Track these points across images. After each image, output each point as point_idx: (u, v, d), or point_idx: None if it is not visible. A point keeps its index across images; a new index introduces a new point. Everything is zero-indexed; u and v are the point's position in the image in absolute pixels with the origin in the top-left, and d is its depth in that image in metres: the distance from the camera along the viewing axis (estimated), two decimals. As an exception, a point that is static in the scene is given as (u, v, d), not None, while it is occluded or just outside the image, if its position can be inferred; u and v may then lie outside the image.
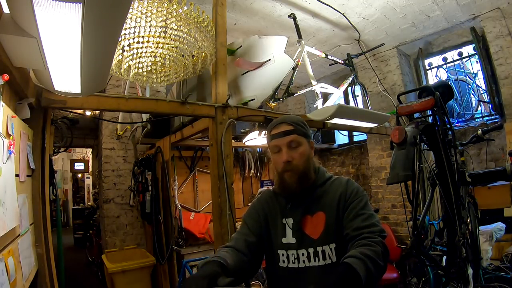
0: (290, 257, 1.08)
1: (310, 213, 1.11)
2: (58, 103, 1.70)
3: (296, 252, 1.07)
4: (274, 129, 1.13)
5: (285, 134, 1.10)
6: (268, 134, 1.17)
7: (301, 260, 1.06)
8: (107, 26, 0.91)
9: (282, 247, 1.10)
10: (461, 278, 1.65)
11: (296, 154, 1.10)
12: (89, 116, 5.24)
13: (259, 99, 2.60)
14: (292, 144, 1.10)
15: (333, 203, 1.10)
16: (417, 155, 1.41)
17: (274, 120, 1.17)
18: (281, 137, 1.10)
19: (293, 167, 1.09)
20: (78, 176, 11.50)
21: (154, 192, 3.19)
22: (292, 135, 1.10)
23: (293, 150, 1.10)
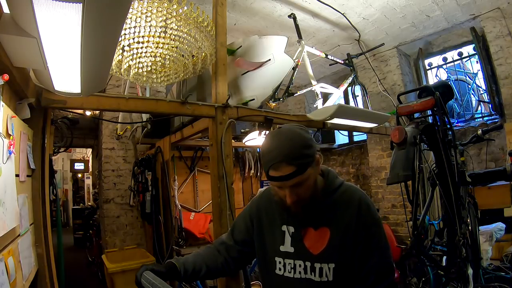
0: (287, 266, 1.05)
1: (314, 226, 1.03)
2: (58, 103, 1.70)
3: (294, 262, 1.03)
4: (272, 171, 0.93)
5: (286, 179, 0.93)
6: (264, 169, 0.99)
7: (297, 271, 1.03)
8: (107, 26, 0.91)
9: (279, 255, 1.06)
10: (461, 278, 1.65)
11: (301, 191, 0.96)
12: (89, 116, 5.24)
13: (259, 99, 2.60)
14: (296, 185, 0.94)
15: (341, 223, 1.00)
16: (417, 155, 1.41)
17: (270, 156, 0.94)
18: (282, 181, 0.94)
19: (299, 202, 0.97)
20: (78, 176, 11.51)
21: (154, 192, 3.19)
22: (296, 178, 0.92)
23: (298, 188, 0.95)
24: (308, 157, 0.95)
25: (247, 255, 1.20)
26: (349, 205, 1.01)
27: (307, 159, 0.94)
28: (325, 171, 1.08)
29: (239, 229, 1.19)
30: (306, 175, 0.94)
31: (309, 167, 0.94)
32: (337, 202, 1.03)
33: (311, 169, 0.96)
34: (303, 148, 0.94)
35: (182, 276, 1.08)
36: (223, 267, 1.17)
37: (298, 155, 0.93)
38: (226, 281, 2.05)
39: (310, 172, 0.95)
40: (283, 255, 1.06)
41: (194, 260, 1.14)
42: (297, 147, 0.93)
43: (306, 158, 0.94)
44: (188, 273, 1.09)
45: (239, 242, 1.17)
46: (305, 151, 0.94)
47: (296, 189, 0.95)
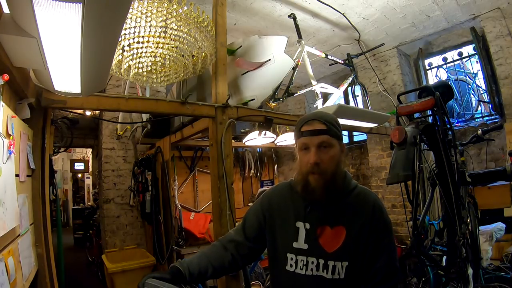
0: (299, 263, 1.03)
1: (330, 224, 1.04)
2: (58, 103, 1.70)
3: (306, 259, 1.03)
4: (305, 126, 1.02)
5: (317, 133, 0.99)
6: (296, 129, 1.06)
7: (309, 268, 1.02)
8: (107, 26, 0.91)
9: (292, 251, 1.05)
10: (461, 278, 1.65)
11: (326, 157, 0.99)
12: (89, 116, 5.25)
13: (259, 99, 2.60)
14: (322, 144, 0.99)
15: (356, 223, 1.02)
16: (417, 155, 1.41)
17: (306, 115, 1.06)
18: (312, 136, 1.00)
19: (321, 170, 0.99)
20: (78, 176, 11.51)
21: (154, 192, 3.19)
22: (325, 136, 0.99)
23: (323, 151, 0.99)
24: (337, 129, 1.04)
25: (257, 251, 1.18)
26: (364, 207, 1.05)
27: (337, 129, 1.04)
28: (344, 172, 1.10)
29: (251, 224, 1.16)
30: (333, 141, 1.01)
31: (337, 139, 1.03)
32: (353, 203, 1.06)
33: (338, 143, 1.03)
34: (334, 120, 1.05)
35: (188, 279, 1.05)
36: (230, 266, 1.14)
37: (331, 120, 1.03)
38: (226, 281, 2.05)
39: (337, 145, 1.02)
40: (296, 251, 1.04)
41: (199, 261, 1.10)
42: (330, 116, 1.05)
43: (337, 127, 1.04)
44: (194, 276, 1.06)
45: (251, 239, 1.14)
46: (335, 123, 1.04)
47: (321, 152, 0.99)
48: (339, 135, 1.05)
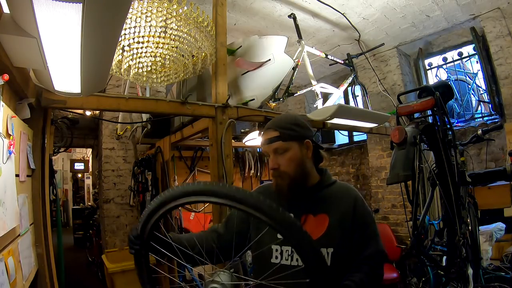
0: (284, 253, 1.06)
1: (313, 213, 1.09)
2: (58, 103, 1.70)
3: (291, 249, 1.05)
4: (263, 135, 1.13)
5: (270, 142, 1.08)
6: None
7: (294, 258, 1.04)
8: (107, 26, 0.91)
9: (277, 242, 1.07)
10: (461, 278, 1.65)
11: (283, 160, 1.07)
12: (89, 116, 5.24)
13: (259, 99, 2.60)
14: (278, 151, 1.08)
15: (339, 211, 1.08)
16: (417, 155, 1.41)
17: (266, 124, 1.15)
18: (266, 144, 1.09)
19: (281, 174, 1.08)
20: (78, 176, 11.51)
21: (154, 192, 3.19)
22: (277, 143, 1.07)
23: (280, 156, 1.08)
24: (293, 130, 1.09)
25: (237, 246, 1.15)
26: (346, 197, 1.11)
27: (291, 131, 1.08)
28: (323, 169, 1.18)
29: (234, 218, 1.18)
30: (288, 145, 1.07)
31: (293, 140, 1.08)
32: (334, 194, 1.12)
33: (296, 144, 1.08)
34: (291, 123, 1.10)
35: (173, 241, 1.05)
36: (212, 252, 1.13)
37: (284, 125, 1.09)
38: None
39: (294, 145, 1.08)
40: (281, 242, 1.06)
41: (188, 237, 1.15)
42: (285, 121, 1.11)
43: (291, 130, 1.08)
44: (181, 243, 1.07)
45: (233, 232, 1.15)
46: (291, 125, 1.09)
47: (278, 157, 1.08)
48: (298, 136, 1.09)
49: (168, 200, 0.85)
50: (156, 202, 0.87)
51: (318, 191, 1.12)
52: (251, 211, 0.77)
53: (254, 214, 0.78)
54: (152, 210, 0.89)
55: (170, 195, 0.85)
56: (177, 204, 0.85)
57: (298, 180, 1.08)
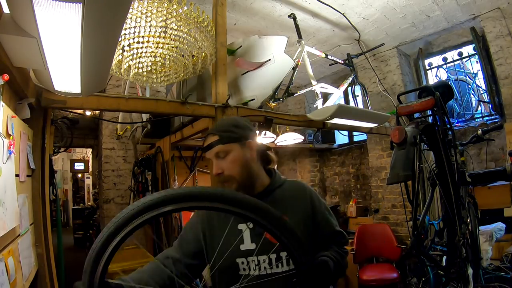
0: (251, 264, 1.02)
1: None
2: (58, 103, 1.70)
3: (257, 259, 1.01)
4: (204, 142, 1.09)
5: (209, 147, 1.05)
6: None
7: (262, 267, 1.01)
8: (107, 26, 0.91)
9: (241, 255, 1.02)
10: (461, 278, 1.65)
11: (225, 164, 1.04)
12: (89, 116, 5.24)
13: (259, 99, 2.60)
14: (219, 155, 1.05)
15: (298, 211, 1.08)
16: (417, 155, 1.40)
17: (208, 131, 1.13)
18: (207, 150, 1.06)
19: (226, 178, 1.04)
20: (78, 176, 11.51)
21: (154, 192, 3.19)
22: (217, 147, 1.04)
23: (222, 160, 1.04)
24: (233, 132, 1.06)
25: (197, 268, 1.08)
26: (301, 195, 1.12)
27: (231, 133, 1.06)
28: (272, 171, 1.17)
29: (187, 240, 1.09)
30: (228, 147, 1.04)
31: (233, 142, 1.05)
32: (288, 194, 1.11)
33: (237, 146, 1.05)
34: (230, 125, 1.08)
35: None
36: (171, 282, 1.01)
37: (223, 128, 1.07)
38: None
39: (235, 148, 1.05)
40: (245, 254, 1.02)
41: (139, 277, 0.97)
42: (224, 124, 1.11)
43: (230, 132, 1.06)
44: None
45: (189, 254, 1.06)
46: (230, 128, 1.07)
47: (220, 162, 1.05)
48: (237, 137, 1.06)
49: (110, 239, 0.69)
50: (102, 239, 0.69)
51: (271, 193, 1.09)
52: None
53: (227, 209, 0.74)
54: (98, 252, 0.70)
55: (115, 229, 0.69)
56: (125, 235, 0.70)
57: (245, 182, 1.05)
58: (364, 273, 3.31)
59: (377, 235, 3.70)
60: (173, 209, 0.70)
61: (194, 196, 0.72)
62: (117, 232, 0.70)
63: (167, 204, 0.70)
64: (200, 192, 0.73)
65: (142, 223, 0.71)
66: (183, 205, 0.71)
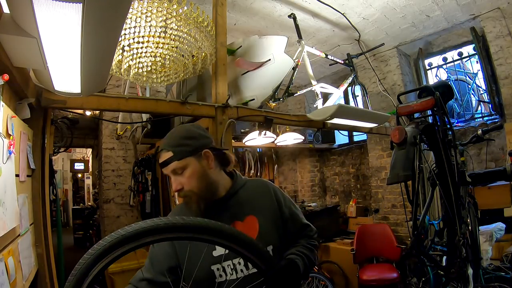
0: (227, 269, 1.00)
1: (239, 219, 1.05)
2: (58, 103, 1.70)
3: (232, 262, 1.00)
4: (159, 158, 1.04)
5: (165, 165, 1.02)
6: None
7: (238, 270, 0.99)
8: (107, 26, 0.91)
9: (215, 262, 1.00)
10: (461, 278, 1.65)
11: (184, 180, 1.01)
12: (89, 116, 5.24)
13: (259, 99, 2.60)
14: (176, 171, 1.01)
15: (264, 207, 1.09)
16: (417, 155, 1.41)
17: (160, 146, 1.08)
18: (163, 168, 1.03)
19: (186, 193, 1.02)
20: (78, 176, 11.51)
21: (154, 192, 3.19)
22: (172, 164, 1.00)
23: (180, 176, 1.02)
24: (187, 146, 1.02)
25: (173, 283, 1.01)
26: (264, 191, 1.13)
27: (185, 147, 1.02)
28: (233, 172, 1.16)
29: (157, 258, 1.05)
30: (184, 163, 1.00)
31: (188, 156, 1.01)
32: (252, 193, 1.12)
33: (193, 159, 1.01)
34: (183, 138, 1.04)
35: None
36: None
37: (175, 143, 1.03)
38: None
39: (191, 161, 1.01)
40: (219, 259, 0.99)
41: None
42: (176, 137, 1.05)
43: (184, 146, 1.02)
44: None
45: (162, 272, 1.01)
46: (183, 141, 1.03)
47: (178, 177, 1.02)
48: (192, 150, 1.02)
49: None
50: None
51: (234, 195, 1.08)
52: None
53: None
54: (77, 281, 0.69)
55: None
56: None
57: (205, 194, 1.03)
58: (364, 273, 3.31)
59: (377, 235, 3.70)
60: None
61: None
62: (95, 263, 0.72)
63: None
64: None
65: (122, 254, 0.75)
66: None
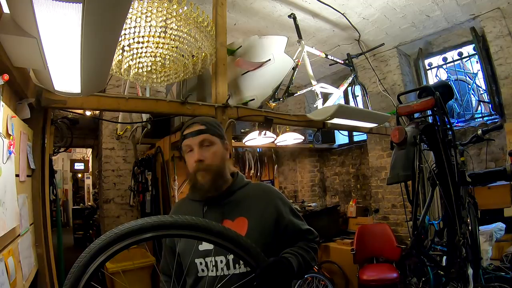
0: (209, 265, 1.02)
1: (230, 218, 1.06)
2: (58, 103, 1.70)
3: (214, 259, 1.01)
4: (187, 129, 1.09)
5: (197, 133, 1.06)
6: (180, 135, 1.13)
7: (219, 268, 1.01)
8: (107, 26, 0.91)
9: (199, 255, 1.03)
10: (461, 278, 1.65)
11: (208, 154, 1.06)
12: (89, 116, 5.24)
13: (259, 99, 2.60)
14: (204, 143, 1.06)
15: (257, 210, 1.08)
16: (417, 155, 1.41)
17: (188, 121, 1.14)
18: (193, 136, 1.07)
19: (205, 167, 1.05)
20: (78, 176, 11.51)
21: (154, 192, 3.19)
22: (204, 134, 1.06)
23: (205, 149, 1.06)
24: (218, 128, 1.12)
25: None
26: (263, 196, 1.13)
27: (215, 128, 1.11)
28: (235, 173, 1.19)
29: (168, 255, 1.13)
30: (214, 139, 1.08)
31: (217, 137, 1.09)
32: (250, 195, 1.12)
33: (219, 141, 1.10)
34: (214, 122, 1.14)
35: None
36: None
37: (209, 121, 1.11)
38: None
39: (218, 142, 1.09)
40: (203, 254, 1.03)
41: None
42: (208, 119, 1.13)
43: (215, 127, 1.11)
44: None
45: (178, 264, 1.08)
46: (216, 124, 1.13)
47: (204, 150, 1.06)
48: (221, 134, 1.12)
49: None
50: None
51: (232, 194, 1.11)
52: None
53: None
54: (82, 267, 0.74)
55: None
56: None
57: (221, 176, 1.08)
58: (364, 273, 3.30)
59: (377, 235, 3.70)
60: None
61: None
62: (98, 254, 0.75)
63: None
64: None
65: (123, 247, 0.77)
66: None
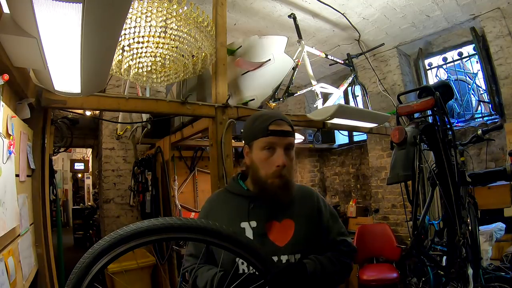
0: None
1: (278, 219, 1.04)
2: (58, 103, 1.70)
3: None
4: (274, 125, 1.00)
5: (286, 135, 0.99)
6: (260, 127, 1.01)
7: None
8: (107, 26, 0.91)
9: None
10: (461, 278, 1.65)
11: (289, 159, 1.00)
12: (89, 116, 5.24)
13: (259, 99, 2.60)
14: (289, 147, 1.00)
15: (303, 215, 1.06)
16: (417, 155, 1.40)
17: (268, 113, 1.04)
18: (282, 136, 0.99)
19: (285, 174, 0.99)
20: (78, 176, 11.51)
21: (154, 192, 3.19)
22: (291, 138, 1.01)
23: (287, 154, 1.00)
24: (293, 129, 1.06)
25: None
26: (307, 199, 1.10)
27: (293, 130, 1.06)
28: None
29: (195, 244, 1.10)
30: (294, 143, 1.04)
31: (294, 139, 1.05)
32: (296, 197, 1.08)
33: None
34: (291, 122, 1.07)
35: None
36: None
37: (289, 121, 1.05)
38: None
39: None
40: None
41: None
42: (287, 117, 1.07)
43: (293, 129, 1.06)
44: None
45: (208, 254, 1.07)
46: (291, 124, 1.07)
47: (287, 153, 1.01)
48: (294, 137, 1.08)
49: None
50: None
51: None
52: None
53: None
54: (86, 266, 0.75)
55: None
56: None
57: (293, 184, 1.05)
58: (364, 273, 3.30)
59: (377, 235, 3.70)
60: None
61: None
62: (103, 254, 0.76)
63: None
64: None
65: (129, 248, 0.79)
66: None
